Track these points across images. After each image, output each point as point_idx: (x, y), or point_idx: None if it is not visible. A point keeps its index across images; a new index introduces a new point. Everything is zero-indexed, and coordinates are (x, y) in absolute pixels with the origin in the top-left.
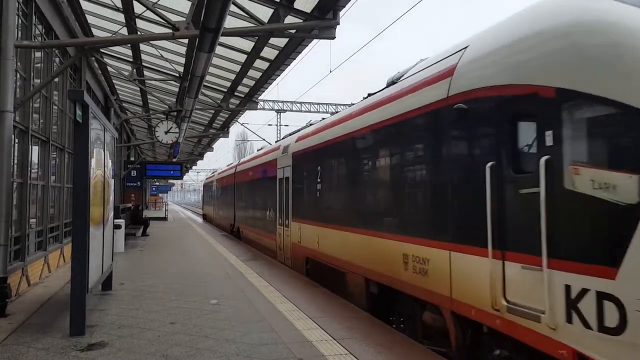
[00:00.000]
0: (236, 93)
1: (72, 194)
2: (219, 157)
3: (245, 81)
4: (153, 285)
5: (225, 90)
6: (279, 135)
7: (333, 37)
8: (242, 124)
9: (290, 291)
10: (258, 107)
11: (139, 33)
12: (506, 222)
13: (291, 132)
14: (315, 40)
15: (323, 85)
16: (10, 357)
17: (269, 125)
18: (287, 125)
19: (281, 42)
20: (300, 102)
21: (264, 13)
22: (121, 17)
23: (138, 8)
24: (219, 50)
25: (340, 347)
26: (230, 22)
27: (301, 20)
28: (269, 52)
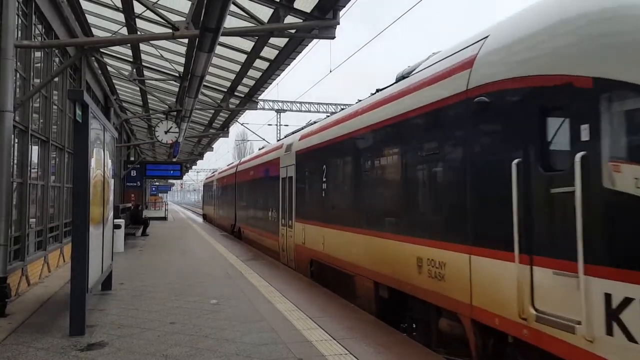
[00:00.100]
0: (236, 93)
1: (72, 194)
2: (219, 157)
3: (245, 81)
4: (153, 285)
5: (225, 90)
6: (279, 135)
7: (333, 37)
8: (242, 124)
9: (290, 291)
10: (258, 107)
11: (139, 33)
12: (535, 224)
13: (294, 131)
14: (315, 40)
15: (323, 85)
16: (10, 357)
17: (269, 125)
18: (287, 125)
19: (281, 42)
20: (300, 102)
21: (264, 13)
22: (121, 17)
23: (138, 8)
24: (219, 50)
25: (340, 347)
26: (230, 22)
27: (301, 20)
28: (269, 52)
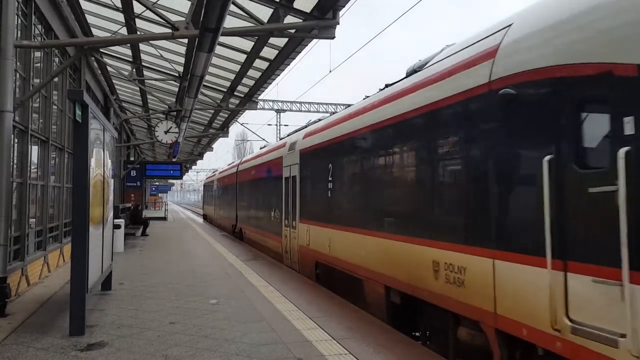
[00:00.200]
0: (236, 93)
1: (72, 194)
2: (219, 157)
3: (245, 81)
4: (153, 285)
5: (225, 90)
6: (279, 134)
7: (333, 37)
8: (242, 124)
9: (290, 291)
10: (258, 107)
11: (139, 33)
12: (570, 227)
13: (296, 130)
14: (315, 40)
15: (323, 85)
16: (10, 357)
17: (269, 125)
18: (287, 125)
19: (281, 42)
20: (300, 102)
21: (264, 13)
22: (121, 17)
23: (138, 8)
24: (219, 50)
25: (340, 347)
26: (230, 22)
27: (301, 20)
28: (269, 52)
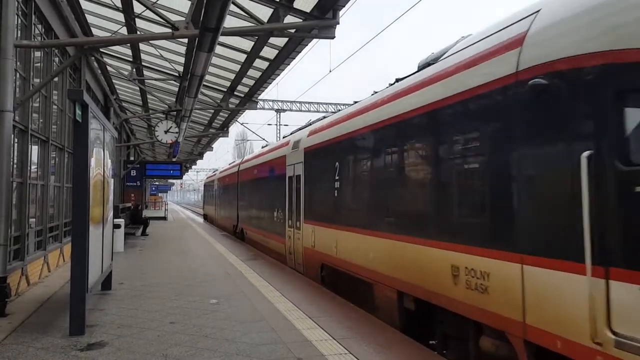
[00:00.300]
0: (236, 93)
1: (72, 194)
2: (219, 157)
3: (245, 81)
4: (153, 284)
5: (225, 89)
6: (279, 134)
7: (333, 37)
8: (242, 124)
9: (290, 291)
10: (258, 107)
11: (139, 33)
12: (613, 230)
13: (299, 128)
14: (315, 39)
15: (323, 85)
16: (10, 357)
17: (269, 125)
18: (287, 125)
19: (281, 42)
20: (300, 102)
21: (264, 13)
22: (121, 17)
23: (138, 7)
24: (219, 49)
25: (340, 347)
26: (229, 22)
27: (301, 19)
28: (269, 52)
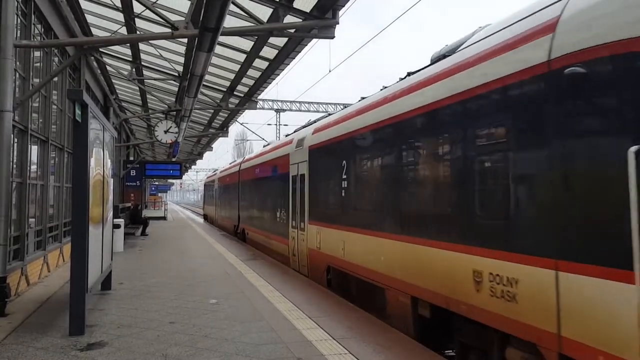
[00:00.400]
0: (235, 92)
1: (72, 194)
2: (219, 157)
3: (244, 80)
4: (152, 284)
5: (224, 89)
6: (279, 134)
7: (332, 37)
8: (242, 124)
9: (289, 291)
10: (257, 107)
11: (138, 32)
12: None
13: (303, 125)
14: (314, 39)
15: (323, 85)
16: (9, 357)
17: (268, 124)
18: (287, 124)
19: (281, 42)
20: (299, 102)
21: (264, 12)
22: (120, 17)
23: (137, 7)
24: (219, 49)
25: (339, 347)
26: (229, 22)
27: (300, 19)
28: (269, 52)
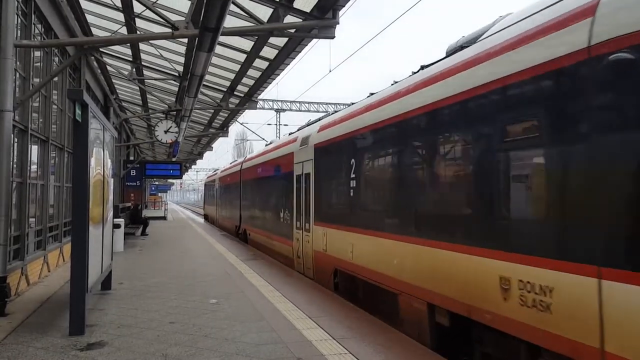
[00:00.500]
0: (236, 92)
1: (72, 194)
2: (219, 157)
3: (244, 80)
4: (152, 284)
5: (224, 89)
6: (279, 134)
7: (332, 37)
8: (242, 124)
9: (289, 291)
10: (257, 107)
11: (139, 32)
12: None
13: (308, 123)
14: (314, 39)
15: (323, 85)
16: (9, 357)
17: (269, 124)
18: (287, 124)
19: (281, 42)
20: (299, 102)
21: (264, 12)
22: (121, 17)
23: (137, 7)
24: (219, 49)
25: (339, 347)
26: (229, 22)
27: (301, 19)
28: (269, 52)
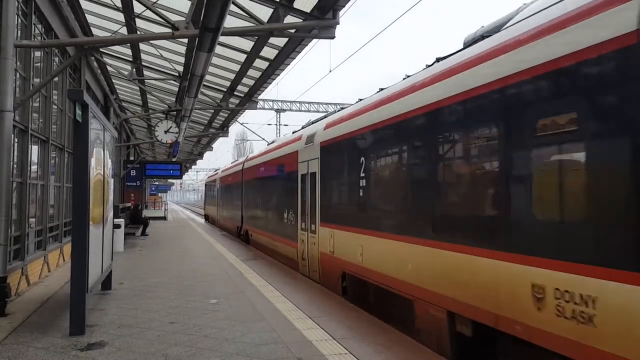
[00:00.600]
0: (236, 92)
1: (72, 194)
2: (219, 157)
3: (245, 81)
4: (153, 284)
5: (224, 89)
6: (279, 134)
7: (333, 37)
8: (242, 124)
9: (289, 291)
10: (258, 107)
11: (139, 32)
12: None
13: (313, 120)
14: (315, 39)
15: (323, 85)
16: (10, 357)
17: (269, 124)
18: (287, 124)
19: (281, 42)
20: (300, 102)
21: (264, 13)
22: (121, 17)
23: (138, 7)
24: (219, 49)
25: (339, 347)
26: (230, 22)
27: (301, 20)
28: (269, 52)
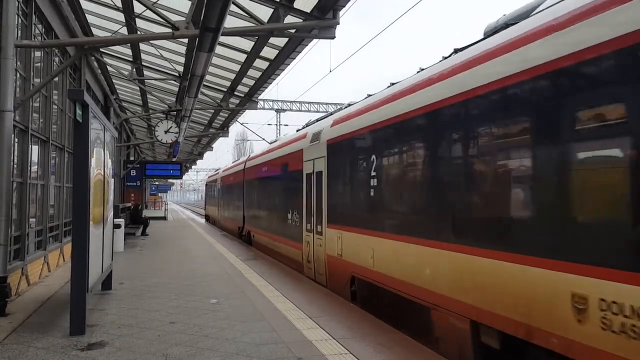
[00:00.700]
0: (236, 92)
1: (72, 194)
2: (219, 157)
3: (245, 81)
4: (153, 284)
5: (225, 89)
6: (279, 134)
7: (333, 37)
8: (242, 124)
9: (289, 291)
10: (258, 107)
11: (139, 32)
12: None
13: (319, 118)
14: (315, 39)
15: (323, 85)
16: (10, 357)
17: (269, 124)
18: (287, 124)
19: (281, 42)
20: (300, 102)
21: (264, 13)
22: (121, 17)
23: (138, 7)
24: (219, 49)
25: (340, 347)
26: (230, 22)
27: (301, 20)
28: (269, 52)
